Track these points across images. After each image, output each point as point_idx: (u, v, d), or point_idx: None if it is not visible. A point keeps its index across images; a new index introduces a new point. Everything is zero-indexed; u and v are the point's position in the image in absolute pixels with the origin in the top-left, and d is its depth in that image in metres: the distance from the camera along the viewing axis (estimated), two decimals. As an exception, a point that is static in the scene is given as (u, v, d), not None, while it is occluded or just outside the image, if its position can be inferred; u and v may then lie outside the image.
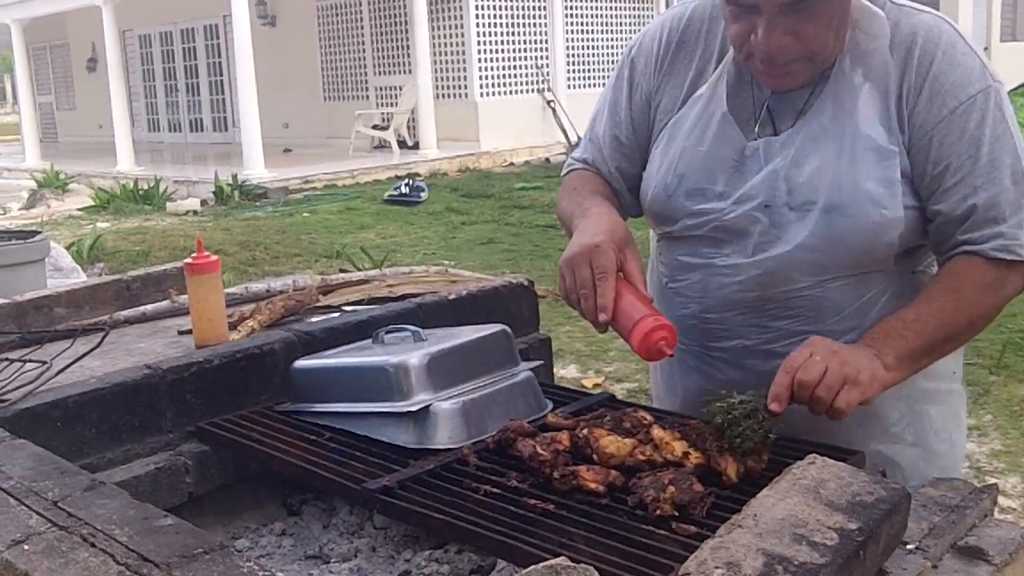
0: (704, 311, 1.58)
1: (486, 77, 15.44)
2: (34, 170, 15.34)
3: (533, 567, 0.88)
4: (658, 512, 1.18)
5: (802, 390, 1.31)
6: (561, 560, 0.88)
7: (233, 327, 2.00)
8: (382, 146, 15.57)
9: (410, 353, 1.52)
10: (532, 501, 1.24)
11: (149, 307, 2.28)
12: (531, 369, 1.63)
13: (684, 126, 1.56)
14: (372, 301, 2.18)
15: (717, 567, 0.89)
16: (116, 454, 1.55)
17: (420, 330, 1.63)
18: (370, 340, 1.70)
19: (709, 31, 1.57)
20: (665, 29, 1.62)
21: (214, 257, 1.92)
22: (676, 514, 1.18)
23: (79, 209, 12.13)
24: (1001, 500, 3.52)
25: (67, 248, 7.61)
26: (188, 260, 1.91)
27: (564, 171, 1.76)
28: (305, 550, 1.51)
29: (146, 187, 12.51)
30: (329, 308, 2.18)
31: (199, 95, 19.93)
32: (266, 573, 0.93)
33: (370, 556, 1.47)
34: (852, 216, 1.43)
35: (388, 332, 1.67)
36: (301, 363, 1.66)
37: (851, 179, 1.43)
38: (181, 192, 12.81)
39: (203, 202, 12.06)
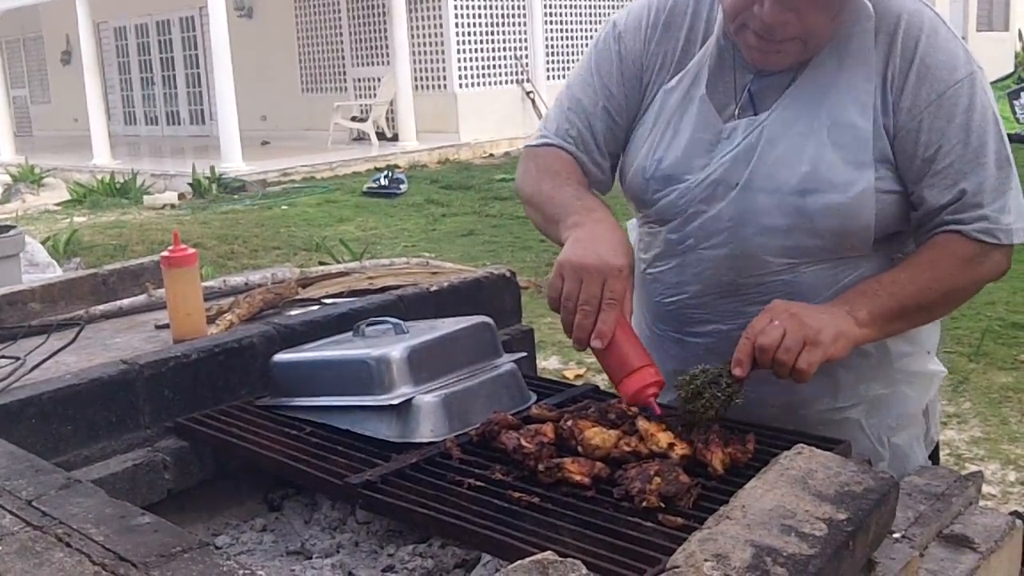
0: (681, 296, 1.58)
1: (465, 68, 15.38)
2: (8, 164, 15.16)
3: (520, 562, 0.86)
4: (644, 504, 1.17)
5: (762, 354, 1.34)
6: (548, 554, 0.87)
7: (211, 321, 1.98)
8: (361, 138, 15.49)
9: (392, 346, 1.50)
10: (517, 494, 1.22)
11: (126, 301, 2.25)
12: (514, 361, 1.62)
13: (665, 109, 1.55)
14: (352, 294, 2.16)
15: (706, 559, 0.88)
16: (93, 451, 1.53)
17: (401, 322, 1.61)
18: (351, 333, 1.67)
19: (695, 13, 1.56)
20: (652, 8, 1.59)
21: (191, 250, 1.89)
22: (663, 505, 1.17)
23: (55, 203, 12.01)
24: (983, 487, 3.53)
25: (43, 243, 7.53)
26: (165, 253, 1.88)
27: (536, 142, 1.65)
28: (287, 546, 1.49)
29: (123, 181, 12.39)
30: (309, 301, 2.16)
31: (176, 88, 19.75)
32: (246, 571, 0.91)
33: (353, 551, 1.45)
34: (823, 199, 1.43)
35: (369, 325, 1.65)
36: (281, 357, 1.64)
37: (823, 163, 1.43)
38: (158, 186, 12.70)
39: (181, 195, 11.96)
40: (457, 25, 15.19)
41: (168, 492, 1.55)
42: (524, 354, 1.71)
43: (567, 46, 16.87)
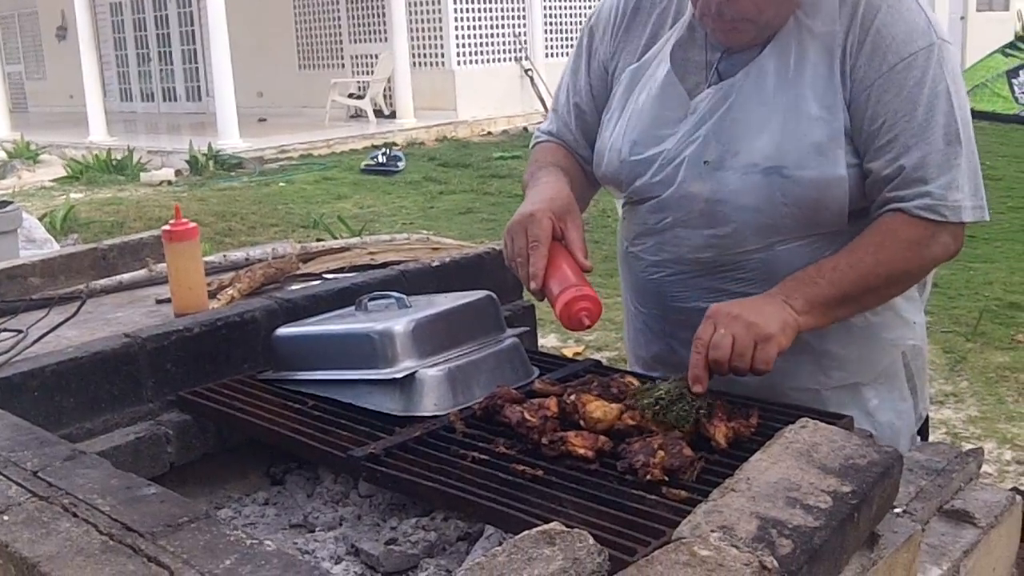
0: (661, 274, 1.59)
1: (463, 45, 15.30)
2: (4, 141, 15.07)
3: (527, 532, 0.86)
4: (648, 477, 1.17)
5: (718, 367, 1.33)
6: (555, 525, 0.87)
7: (212, 296, 1.98)
8: (358, 115, 15.43)
9: (395, 320, 1.50)
10: (521, 467, 1.23)
11: (126, 276, 2.25)
12: (516, 336, 1.62)
13: (633, 89, 1.58)
14: (353, 269, 2.16)
15: (713, 530, 0.88)
16: (95, 424, 1.53)
17: (405, 297, 1.61)
18: (353, 307, 1.67)
19: None
20: None
21: (193, 224, 1.89)
22: (666, 479, 1.17)
23: (51, 180, 11.96)
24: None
25: (40, 219, 7.51)
26: (167, 227, 1.88)
27: (531, 143, 1.78)
28: (289, 519, 1.50)
29: (119, 157, 12.34)
30: (310, 276, 2.16)
31: (172, 64, 19.64)
32: (253, 541, 0.91)
33: (355, 524, 1.45)
34: (795, 177, 1.43)
35: (372, 299, 1.65)
36: (283, 331, 1.63)
37: (793, 139, 1.43)
38: (155, 162, 12.65)
39: (177, 172, 11.92)
40: (455, 1, 15.10)
41: (171, 465, 1.56)
42: (526, 329, 1.72)
43: (566, 24, 16.78)
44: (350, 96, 15.50)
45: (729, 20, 1.43)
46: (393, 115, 15.00)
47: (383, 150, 11.84)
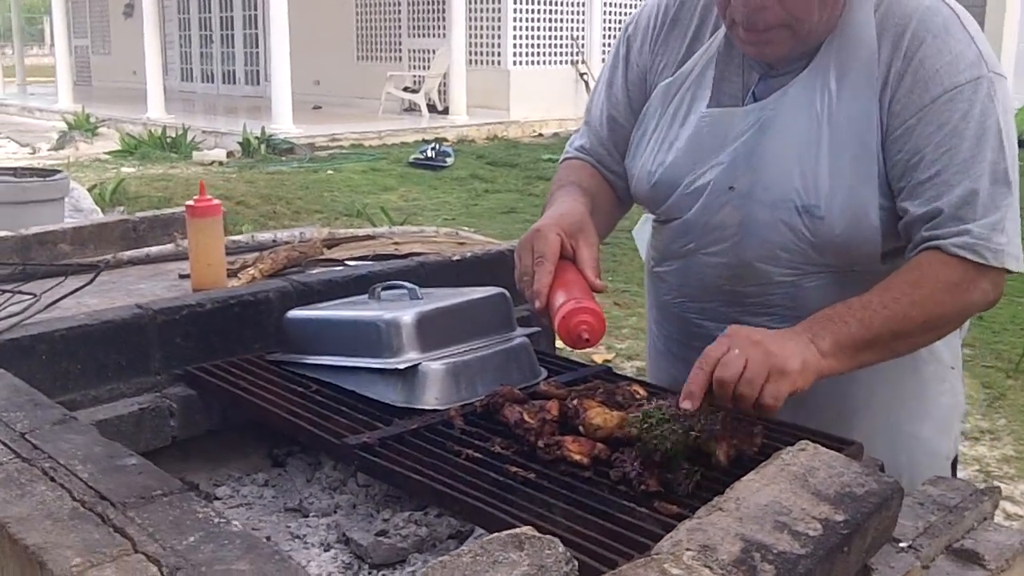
0: (684, 299, 1.56)
1: (520, 46, 15.31)
2: (65, 112, 15.38)
3: (495, 535, 0.84)
4: (643, 487, 1.14)
5: (722, 388, 1.18)
6: (527, 529, 0.85)
7: (235, 275, 1.98)
8: (411, 109, 15.50)
9: (403, 310, 1.49)
10: (514, 469, 1.20)
11: (154, 249, 2.26)
12: (528, 336, 1.60)
13: (668, 108, 1.51)
14: (377, 258, 2.15)
15: (689, 549, 0.85)
16: (101, 392, 1.53)
17: (417, 288, 1.59)
18: (366, 295, 1.66)
19: (706, 7, 1.51)
20: (662, 5, 1.57)
21: (216, 201, 1.89)
22: (662, 491, 1.14)
23: (106, 153, 12.16)
24: (1009, 507, 3.45)
25: (90, 190, 7.62)
26: (190, 203, 1.88)
27: (560, 159, 1.68)
28: (285, 502, 1.49)
29: (174, 135, 12.51)
30: (332, 262, 2.15)
31: (233, 47, 19.88)
32: (221, 520, 0.89)
33: (349, 513, 1.44)
34: (825, 218, 1.37)
35: (385, 288, 1.64)
36: (294, 313, 1.63)
37: (826, 177, 1.36)
38: (208, 142, 12.81)
39: (229, 153, 12.05)
40: (515, 1, 15.11)
41: (173, 439, 1.55)
42: (538, 329, 1.69)
43: (625, 31, 16.69)
44: (405, 89, 15.58)
45: (761, 31, 1.34)
46: (446, 111, 15.05)
47: (433, 145, 11.88)
